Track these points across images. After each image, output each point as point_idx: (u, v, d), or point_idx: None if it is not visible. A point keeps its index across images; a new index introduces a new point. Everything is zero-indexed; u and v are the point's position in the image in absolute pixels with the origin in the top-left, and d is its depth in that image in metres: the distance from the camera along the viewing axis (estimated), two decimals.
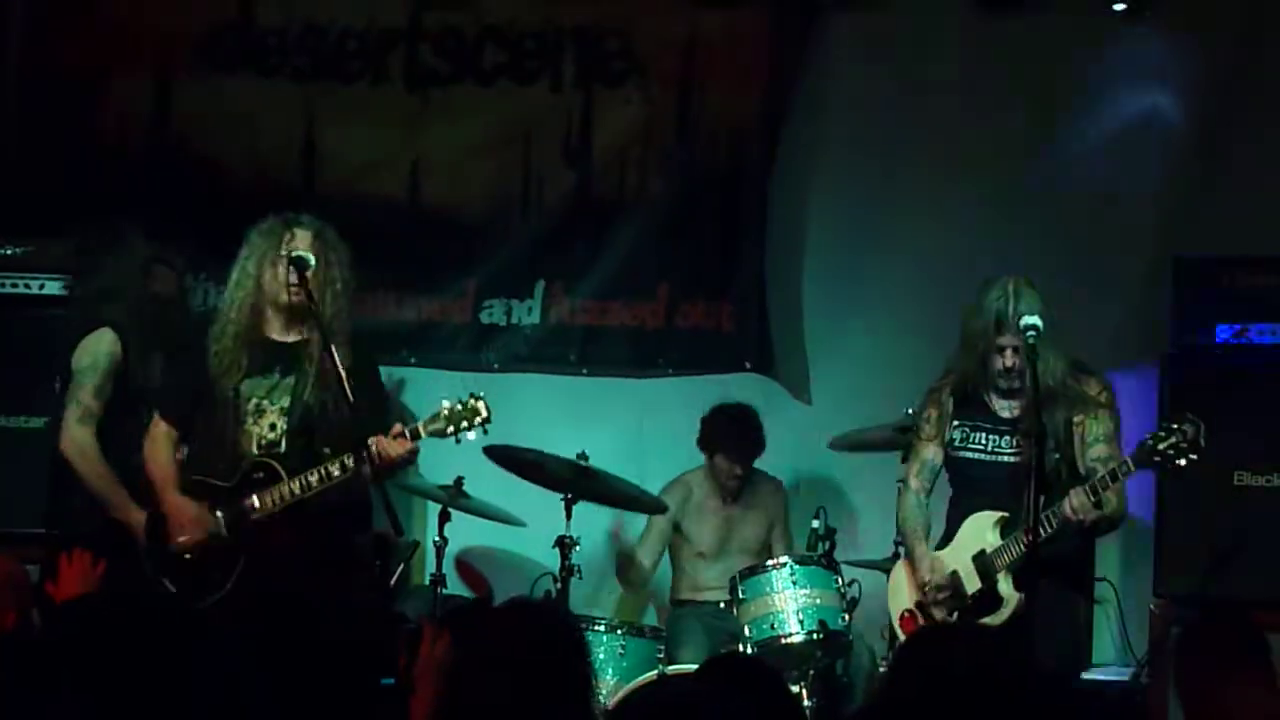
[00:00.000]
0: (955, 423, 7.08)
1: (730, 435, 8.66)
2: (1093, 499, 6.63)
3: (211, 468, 6.82)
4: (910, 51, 9.17)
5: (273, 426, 6.77)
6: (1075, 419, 6.90)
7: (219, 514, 6.75)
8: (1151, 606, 8.03)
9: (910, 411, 7.70)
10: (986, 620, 6.81)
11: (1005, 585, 6.84)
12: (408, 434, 6.59)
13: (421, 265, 9.35)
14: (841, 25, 9.27)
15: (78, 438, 7.16)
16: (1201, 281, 8.29)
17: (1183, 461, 6.53)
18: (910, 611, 7.09)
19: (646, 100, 9.41)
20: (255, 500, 6.70)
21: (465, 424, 6.55)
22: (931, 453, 7.17)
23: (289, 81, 9.59)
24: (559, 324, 9.38)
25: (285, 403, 6.76)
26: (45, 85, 9.62)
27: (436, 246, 9.39)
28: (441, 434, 6.58)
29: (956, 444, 7.08)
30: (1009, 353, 6.88)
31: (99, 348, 7.22)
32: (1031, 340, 6.69)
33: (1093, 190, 8.98)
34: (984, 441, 7.02)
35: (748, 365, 9.22)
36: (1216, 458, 7.23)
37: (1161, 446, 6.52)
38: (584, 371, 9.39)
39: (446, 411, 6.56)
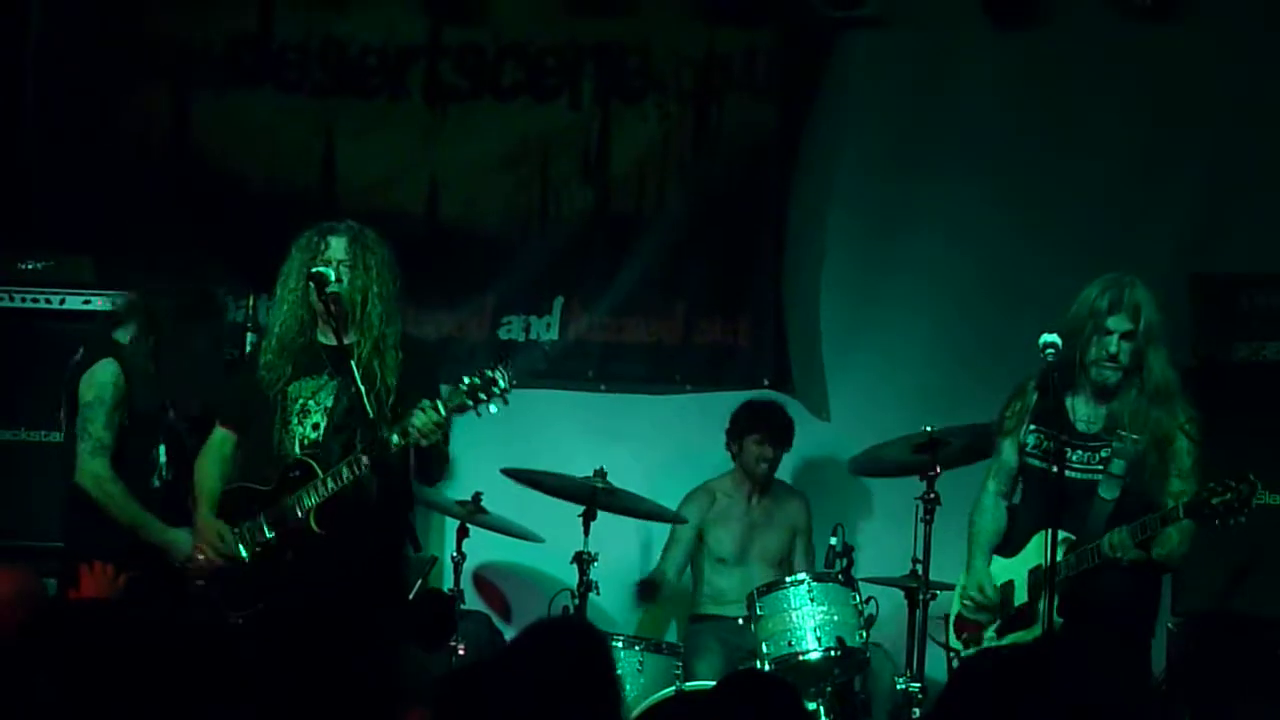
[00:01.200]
0: (1032, 427, 6.89)
1: (760, 417, 8.77)
2: (1136, 539, 6.49)
3: (258, 473, 6.87)
4: (925, 66, 9.19)
5: (315, 426, 6.82)
6: (1165, 446, 6.72)
7: (262, 517, 6.78)
8: (1169, 625, 8.02)
9: (929, 429, 7.69)
10: (1017, 635, 6.69)
11: (1042, 604, 6.58)
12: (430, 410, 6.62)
13: (439, 281, 9.33)
14: (857, 41, 9.29)
15: (93, 470, 7.13)
16: (1219, 299, 8.31)
17: (1232, 521, 6.38)
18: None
19: (664, 117, 9.44)
20: (296, 499, 6.73)
21: (484, 396, 6.56)
22: (1009, 451, 6.98)
23: (308, 96, 9.61)
24: (577, 340, 9.40)
25: (330, 402, 6.81)
26: (63, 99, 9.62)
27: (454, 262, 9.40)
28: (462, 409, 6.58)
29: (1029, 449, 6.89)
30: (1115, 338, 6.68)
31: (103, 379, 7.19)
32: (1050, 356, 6.60)
33: (1110, 207, 8.98)
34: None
35: (765, 382, 9.23)
36: (1234, 475, 7.20)
37: (1215, 501, 6.37)
38: (602, 387, 9.41)
39: (465, 386, 6.57)
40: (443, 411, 6.56)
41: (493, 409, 6.61)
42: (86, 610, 3.99)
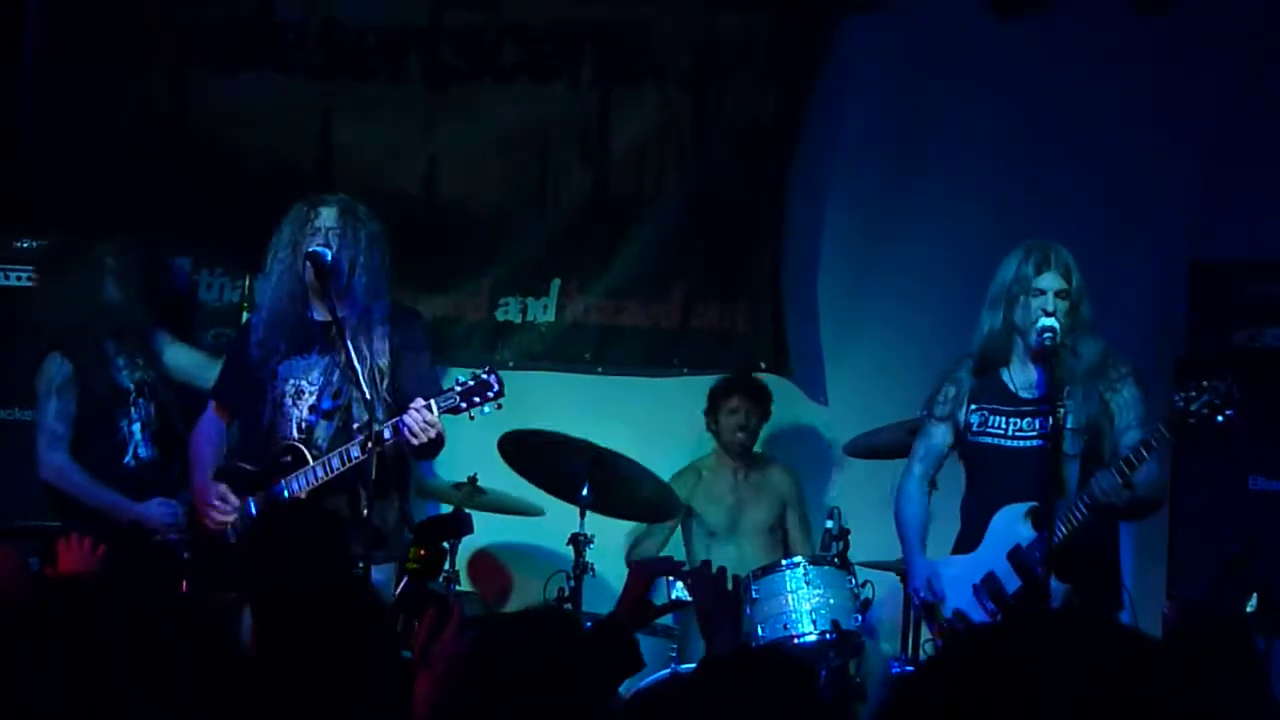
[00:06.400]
0: (973, 406, 6.83)
1: (731, 381, 8.85)
2: (1122, 478, 6.34)
3: (250, 453, 6.87)
4: (925, 53, 9.18)
5: (311, 409, 6.81)
6: (1106, 399, 6.65)
7: (250, 500, 6.78)
8: (1164, 610, 8.01)
9: (925, 413, 7.68)
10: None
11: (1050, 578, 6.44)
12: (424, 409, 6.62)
13: (437, 262, 9.34)
14: (856, 27, 9.27)
15: (52, 463, 7.31)
16: (1217, 287, 8.30)
17: (1220, 419, 6.19)
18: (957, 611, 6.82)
19: (664, 101, 9.42)
20: (285, 485, 6.72)
21: (477, 399, 6.58)
22: (941, 435, 6.94)
23: (307, 77, 9.61)
24: (574, 322, 9.39)
25: (321, 381, 6.81)
26: (62, 80, 9.63)
27: (452, 244, 9.39)
28: (455, 410, 6.60)
29: (975, 429, 6.83)
30: (1050, 296, 6.62)
31: (48, 372, 7.30)
32: (1048, 341, 6.58)
33: (1108, 195, 8.97)
34: (1004, 425, 6.76)
35: (763, 366, 9.21)
36: (1231, 462, 7.18)
37: (1194, 407, 6.21)
38: (599, 370, 9.41)
39: (460, 389, 6.59)
40: (435, 412, 6.57)
41: (486, 410, 6.63)
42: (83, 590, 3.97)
